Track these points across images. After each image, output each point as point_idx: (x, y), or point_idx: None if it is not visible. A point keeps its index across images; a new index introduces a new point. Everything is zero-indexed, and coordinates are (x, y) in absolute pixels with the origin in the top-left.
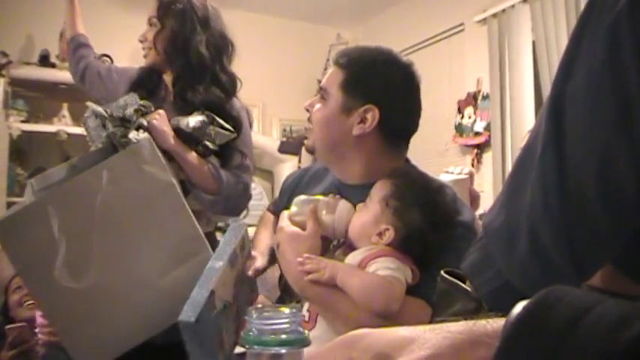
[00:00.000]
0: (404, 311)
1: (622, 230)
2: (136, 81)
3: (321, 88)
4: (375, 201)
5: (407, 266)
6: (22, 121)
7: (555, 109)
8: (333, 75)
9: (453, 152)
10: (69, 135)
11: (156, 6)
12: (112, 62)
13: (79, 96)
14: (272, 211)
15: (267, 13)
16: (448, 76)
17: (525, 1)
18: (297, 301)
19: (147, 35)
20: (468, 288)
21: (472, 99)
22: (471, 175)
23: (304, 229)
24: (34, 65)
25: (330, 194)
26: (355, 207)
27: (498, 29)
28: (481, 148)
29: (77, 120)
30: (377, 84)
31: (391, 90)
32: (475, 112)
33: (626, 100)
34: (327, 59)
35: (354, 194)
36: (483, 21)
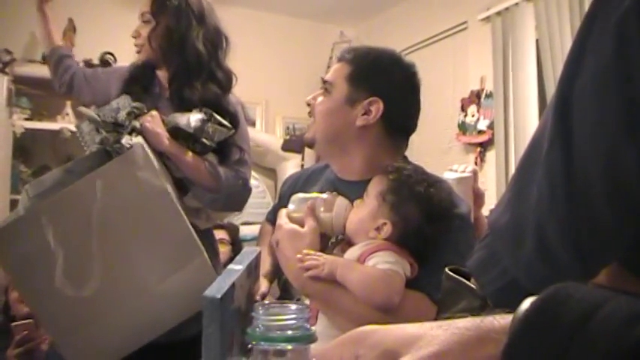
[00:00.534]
0: (404, 304)
1: (629, 228)
2: (129, 78)
3: (326, 82)
4: (372, 196)
5: (405, 260)
6: (26, 119)
7: (562, 106)
8: (339, 69)
9: (457, 150)
10: (72, 133)
11: (149, 1)
12: (116, 60)
13: None
14: (270, 220)
15: (270, 11)
16: (451, 75)
17: (529, 0)
18: (297, 300)
19: (140, 31)
20: (474, 286)
21: (475, 97)
22: (475, 173)
23: (303, 227)
24: (38, 63)
25: (327, 191)
26: (352, 203)
27: (502, 27)
28: (484, 147)
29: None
30: (382, 79)
31: (395, 86)
32: (478, 111)
33: (634, 97)
34: (331, 57)
35: (351, 191)
36: (487, 19)
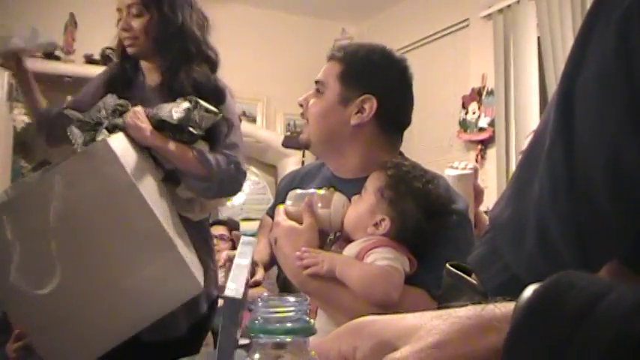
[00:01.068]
0: (403, 300)
1: (631, 224)
2: (110, 78)
3: (317, 82)
4: (370, 192)
5: (404, 256)
6: (27, 114)
7: (564, 103)
8: (330, 68)
9: (457, 148)
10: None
11: None
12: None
13: None
14: (271, 216)
15: (272, 8)
16: (453, 72)
17: None
18: None
19: (132, 24)
20: (474, 282)
21: (477, 95)
22: (476, 171)
23: (300, 223)
24: (39, 58)
25: (325, 187)
26: (350, 200)
27: (503, 25)
28: (485, 144)
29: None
30: (374, 75)
31: (388, 82)
32: (479, 108)
33: (636, 94)
34: None
35: (348, 188)
36: (489, 17)
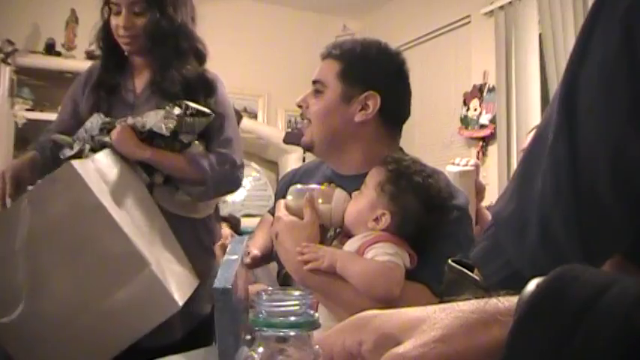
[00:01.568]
0: (405, 296)
1: (634, 219)
2: (97, 82)
3: (316, 82)
4: (371, 187)
5: (404, 251)
6: (28, 110)
7: (567, 98)
8: (328, 66)
9: (459, 144)
10: None
11: None
12: None
13: None
14: (272, 214)
15: (272, 3)
16: (454, 68)
17: None
18: None
19: (135, 22)
20: (477, 277)
21: (478, 91)
22: (477, 167)
23: (301, 219)
24: (40, 54)
25: (325, 183)
26: (350, 195)
27: (505, 22)
28: (486, 141)
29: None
30: (375, 71)
31: (388, 77)
32: (481, 105)
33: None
34: None
35: (348, 185)
36: (490, 13)
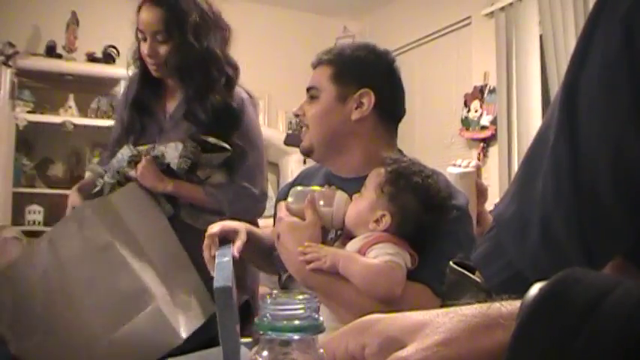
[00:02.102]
0: (406, 296)
1: (635, 220)
2: (134, 100)
3: (311, 88)
4: (371, 189)
5: (405, 251)
6: (29, 112)
7: (568, 99)
8: (320, 72)
9: (459, 146)
10: (75, 126)
11: (159, 19)
12: (119, 54)
13: (86, 87)
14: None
15: (273, 4)
16: (455, 70)
17: None
18: None
19: (158, 50)
20: (478, 279)
21: (479, 93)
22: (478, 168)
23: (302, 219)
24: (41, 56)
25: (326, 185)
26: (351, 198)
27: (506, 23)
28: (487, 142)
29: (83, 111)
30: (366, 69)
31: (380, 73)
32: (482, 106)
33: None
34: None
35: (348, 187)
36: (491, 14)
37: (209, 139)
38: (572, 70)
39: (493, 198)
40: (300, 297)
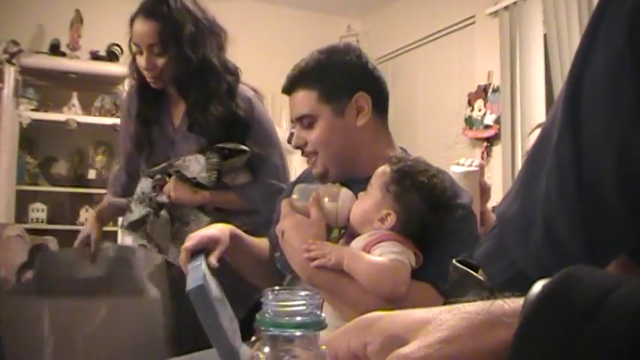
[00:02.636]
0: (410, 295)
1: (638, 219)
2: (137, 116)
3: (303, 117)
4: (376, 188)
5: (410, 250)
6: (32, 110)
7: (572, 97)
8: (304, 97)
9: (463, 145)
10: (78, 124)
11: (154, 32)
12: (122, 52)
13: (89, 85)
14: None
15: (276, 3)
16: (459, 69)
17: None
18: None
19: (155, 62)
20: (481, 277)
21: (482, 92)
22: (481, 168)
23: (307, 216)
24: (45, 54)
25: (330, 182)
26: (356, 196)
27: (510, 22)
28: (491, 141)
29: (87, 109)
30: (349, 74)
31: (363, 71)
32: (485, 105)
33: None
34: None
35: (354, 187)
36: (495, 13)
37: (226, 145)
38: (575, 69)
39: (496, 197)
40: (302, 293)
